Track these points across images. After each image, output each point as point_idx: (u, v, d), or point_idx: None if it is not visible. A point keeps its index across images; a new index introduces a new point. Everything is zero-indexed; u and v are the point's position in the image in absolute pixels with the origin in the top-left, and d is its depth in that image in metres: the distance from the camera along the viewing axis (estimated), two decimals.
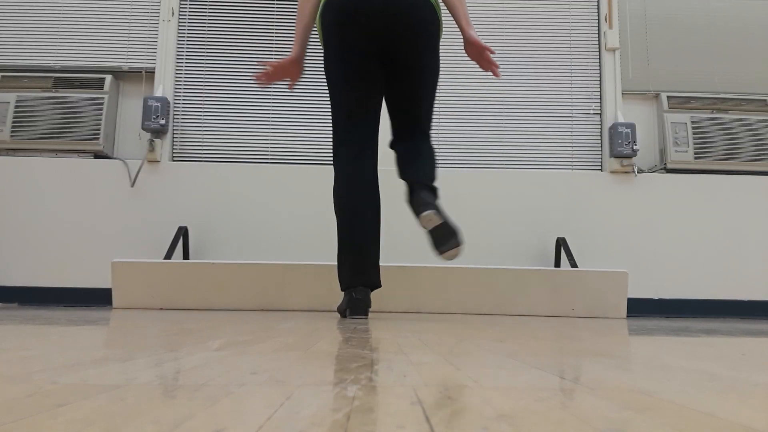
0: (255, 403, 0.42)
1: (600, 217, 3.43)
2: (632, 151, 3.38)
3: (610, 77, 3.57)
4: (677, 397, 0.48)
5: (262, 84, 2.14)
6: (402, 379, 0.55)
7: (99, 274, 3.28)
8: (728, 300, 3.35)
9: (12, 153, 3.38)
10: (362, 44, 1.97)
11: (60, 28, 3.54)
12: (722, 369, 0.69)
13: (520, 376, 0.59)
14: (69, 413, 0.37)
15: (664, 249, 3.40)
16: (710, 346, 1.06)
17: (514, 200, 3.44)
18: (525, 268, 2.72)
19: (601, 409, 0.41)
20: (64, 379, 0.51)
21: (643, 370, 0.67)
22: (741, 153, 3.44)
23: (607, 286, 2.71)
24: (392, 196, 3.29)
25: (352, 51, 1.97)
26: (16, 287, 3.24)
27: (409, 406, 0.42)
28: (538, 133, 3.58)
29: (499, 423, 0.36)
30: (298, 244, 3.35)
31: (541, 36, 3.66)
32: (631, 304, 3.30)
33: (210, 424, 0.35)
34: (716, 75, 3.63)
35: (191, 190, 3.38)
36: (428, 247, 3.36)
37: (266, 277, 2.65)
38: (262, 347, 0.85)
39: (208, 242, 3.34)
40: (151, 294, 2.61)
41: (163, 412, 0.38)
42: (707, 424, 0.37)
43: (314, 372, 0.59)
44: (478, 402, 0.44)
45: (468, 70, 3.61)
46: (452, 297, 2.69)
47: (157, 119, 3.33)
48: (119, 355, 0.72)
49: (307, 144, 3.53)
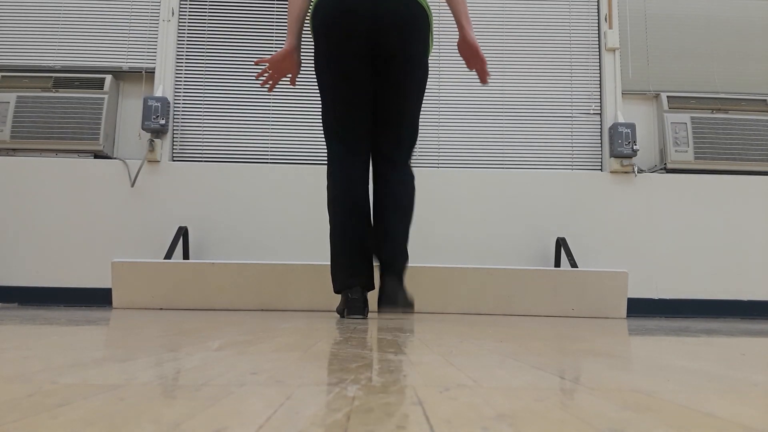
0: (255, 403, 0.42)
1: (600, 217, 3.43)
2: (632, 151, 3.38)
3: (610, 77, 3.57)
4: (677, 397, 0.48)
5: (268, 87, 2.12)
6: (402, 379, 0.55)
7: (99, 274, 3.28)
8: (728, 300, 3.35)
9: (12, 153, 3.38)
10: (352, 45, 1.96)
11: (60, 28, 3.54)
12: (722, 369, 0.69)
13: (520, 376, 0.59)
14: (69, 413, 0.37)
15: (664, 249, 3.40)
16: (710, 346, 1.06)
17: (514, 200, 3.44)
18: (525, 268, 2.72)
19: (601, 409, 0.41)
20: (64, 379, 0.51)
21: (643, 370, 0.67)
22: (741, 153, 3.44)
23: (607, 286, 2.71)
24: None
25: (342, 52, 1.97)
26: (16, 287, 3.24)
27: (409, 406, 0.42)
28: (538, 133, 3.58)
29: (499, 423, 0.36)
30: (298, 244, 3.35)
31: (541, 36, 3.66)
32: (631, 304, 3.30)
33: (210, 424, 0.35)
34: (716, 75, 3.63)
35: (191, 190, 3.38)
36: (422, 252, 3.36)
37: (266, 277, 2.65)
38: (262, 347, 0.85)
39: (208, 242, 3.34)
40: (151, 294, 2.61)
41: (162, 412, 0.38)
42: (707, 424, 0.37)
43: (314, 372, 0.59)
44: (478, 402, 0.44)
45: (468, 71, 3.61)
46: (452, 297, 2.69)
47: (157, 119, 3.33)
48: (119, 355, 0.72)
49: (307, 144, 3.53)
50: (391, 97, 2.04)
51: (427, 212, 3.39)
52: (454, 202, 3.42)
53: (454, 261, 3.36)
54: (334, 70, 1.99)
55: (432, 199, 3.41)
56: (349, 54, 1.97)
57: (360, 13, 1.94)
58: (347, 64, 1.98)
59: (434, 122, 3.57)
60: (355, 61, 1.98)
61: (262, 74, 2.11)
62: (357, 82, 2.00)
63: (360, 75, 2.00)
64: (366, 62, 2.00)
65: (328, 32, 1.97)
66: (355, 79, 2.00)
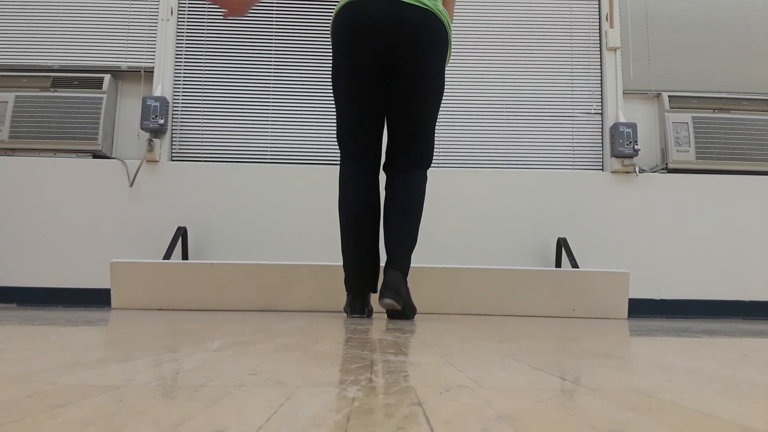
0: (255, 403, 0.42)
1: (601, 217, 3.43)
2: (633, 150, 3.38)
3: (611, 77, 3.57)
4: (678, 397, 0.48)
5: (224, 13, 2.03)
6: (402, 379, 0.55)
7: (98, 275, 3.27)
8: (730, 300, 3.35)
9: (10, 153, 3.38)
10: (368, 57, 1.98)
11: (59, 28, 3.54)
12: (723, 369, 0.69)
13: (521, 376, 0.59)
14: (68, 413, 0.37)
15: (665, 249, 3.40)
16: (711, 347, 1.05)
17: (514, 200, 3.43)
18: (526, 269, 2.72)
19: (601, 410, 0.41)
20: (64, 380, 0.51)
21: (643, 370, 0.66)
22: (743, 153, 3.44)
23: (608, 286, 2.71)
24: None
25: (358, 63, 1.99)
26: (14, 287, 3.24)
27: (410, 407, 0.41)
28: (539, 133, 3.58)
29: (500, 423, 0.36)
30: (299, 244, 3.35)
31: (542, 36, 3.66)
32: (633, 304, 3.30)
33: (209, 424, 0.35)
34: (718, 74, 3.63)
35: (190, 190, 3.38)
36: (422, 252, 3.36)
37: (266, 277, 2.65)
38: (262, 348, 0.85)
39: (207, 242, 3.34)
40: (150, 294, 2.61)
41: (162, 412, 0.38)
42: (708, 424, 0.37)
43: (314, 373, 0.59)
44: (478, 403, 0.43)
45: (468, 71, 3.61)
46: (453, 297, 2.69)
47: (156, 119, 3.33)
48: (118, 355, 0.72)
49: (307, 144, 3.53)
50: (406, 111, 2.05)
51: (428, 212, 3.39)
52: (455, 202, 3.42)
53: (454, 261, 3.36)
54: (348, 83, 2.02)
55: (432, 199, 3.41)
56: (365, 69, 1.99)
57: (380, 28, 1.95)
58: (362, 78, 2.00)
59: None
60: (371, 76, 2.00)
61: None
62: (371, 96, 2.03)
63: (375, 90, 2.03)
64: (381, 77, 2.03)
65: (346, 46, 1.99)
66: (370, 93, 2.02)
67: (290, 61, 3.57)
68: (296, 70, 3.57)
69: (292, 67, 3.57)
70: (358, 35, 1.96)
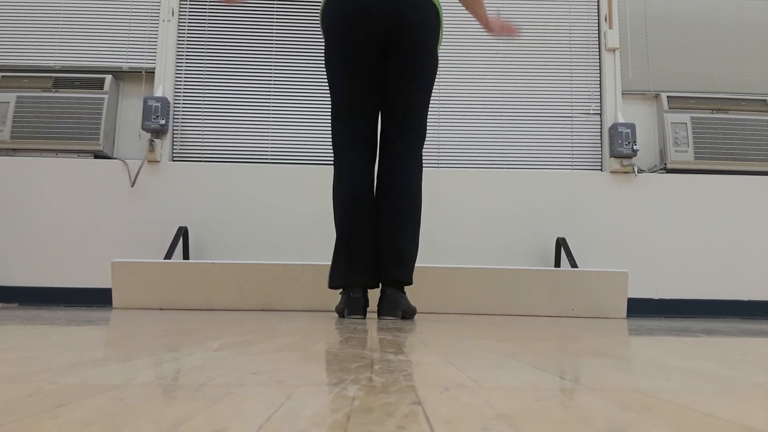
0: (255, 403, 0.42)
1: (600, 217, 3.43)
2: (632, 151, 3.38)
3: (610, 77, 3.57)
4: (677, 397, 0.48)
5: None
6: (402, 379, 0.55)
7: (99, 274, 3.27)
8: (728, 300, 3.35)
9: (12, 153, 3.38)
10: (362, 41, 1.97)
11: (60, 28, 3.54)
12: (722, 369, 0.69)
13: (521, 376, 0.59)
14: (69, 413, 0.37)
15: (664, 249, 3.40)
16: (710, 347, 1.06)
17: (514, 200, 3.44)
18: (525, 269, 2.72)
19: (601, 410, 0.41)
20: (64, 379, 0.51)
21: (643, 370, 0.67)
22: (741, 153, 3.44)
23: (607, 286, 2.71)
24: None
25: (352, 48, 1.98)
26: (16, 287, 3.24)
27: (410, 406, 0.42)
28: (538, 133, 3.58)
29: (499, 423, 0.36)
30: (298, 244, 3.35)
31: (541, 36, 3.66)
32: (632, 304, 3.30)
33: (210, 424, 0.35)
34: (716, 75, 3.63)
35: (191, 190, 3.38)
36: (421, 252, 3.36)
37: (266, 277, 2.65)
38: (262, 347, 0.85)
39: (208, 242, 3.34)
40: (151, 294, 2.61)
41: (162, 412, 0.38)
42: (707, 424, 0.37)
43: (314, 372, 0.59)
44: (478, 402, 0.43)
45: (468, 71, 3.61)
46: (452, 297, 2.69)
47: (157, 119, 3.33)
48: (119, 355, 0.72)
49: (307, 144, 3.53)
50: (401, 90, 2.04)
51: (427, 212, 3.39)
52: (454, 202, 3.42)
53: (454, 261, 3.36)
54: (343, 65, 2.00)
55: (432, 199, 3.41)
56: (360, 52, 1.98)
57: (371, 12, 1.95)
58: (357, 61, 1.99)
59: (434, 122, 3.57)
60: (367, 60, 1.99)
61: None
62: (367, 79, 2.02)
63: (370, 72, 2.01)
64: (376, 59, 2.02)
65: (340, 31, 1.98)
66: (366, 76, 2.01)
67: (290, 61, 3.57)
68: (296, 70, 3.57)
69: (292, 68, 3.57)
70: (351, 18, 1.95)
